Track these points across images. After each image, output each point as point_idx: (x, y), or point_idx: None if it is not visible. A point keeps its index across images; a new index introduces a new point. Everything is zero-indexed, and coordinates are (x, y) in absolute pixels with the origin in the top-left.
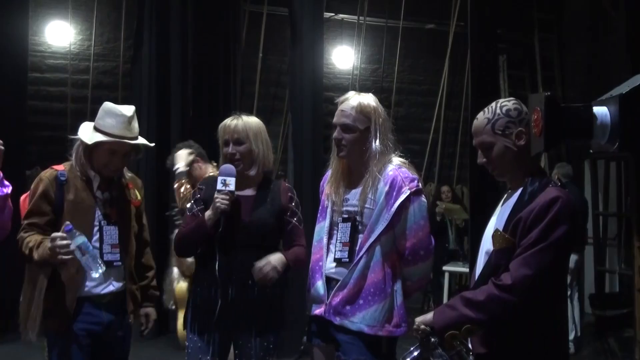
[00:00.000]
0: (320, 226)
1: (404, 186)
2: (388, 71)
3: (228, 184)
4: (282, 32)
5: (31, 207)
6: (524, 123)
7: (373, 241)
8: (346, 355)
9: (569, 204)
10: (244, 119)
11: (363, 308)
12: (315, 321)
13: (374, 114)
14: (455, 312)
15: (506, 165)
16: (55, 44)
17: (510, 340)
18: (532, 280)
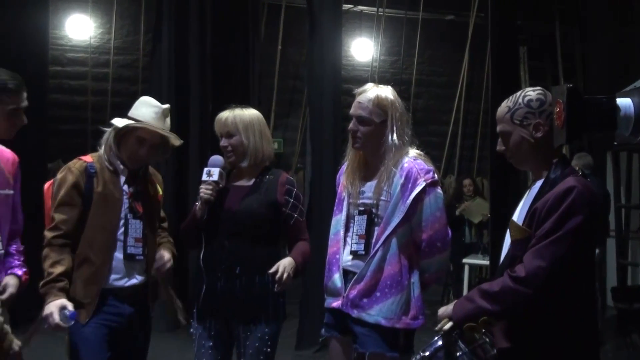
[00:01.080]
0: (336, 219)
1: (419, 178)
2: (407, 63)
3: (212, 174)
4: (300, 24)
5: (62, 198)
6: (545, 115)
7: (389, 234)
8: (363, 348)
9: (586, 193)
10: (236, 112)
11: (380, 300)
12: (332, 313)
13: (391, 107)
14: (473, 304)
15: (523, 155)
16: (75, 37)
17: (534, 334)
18: (546, 272)
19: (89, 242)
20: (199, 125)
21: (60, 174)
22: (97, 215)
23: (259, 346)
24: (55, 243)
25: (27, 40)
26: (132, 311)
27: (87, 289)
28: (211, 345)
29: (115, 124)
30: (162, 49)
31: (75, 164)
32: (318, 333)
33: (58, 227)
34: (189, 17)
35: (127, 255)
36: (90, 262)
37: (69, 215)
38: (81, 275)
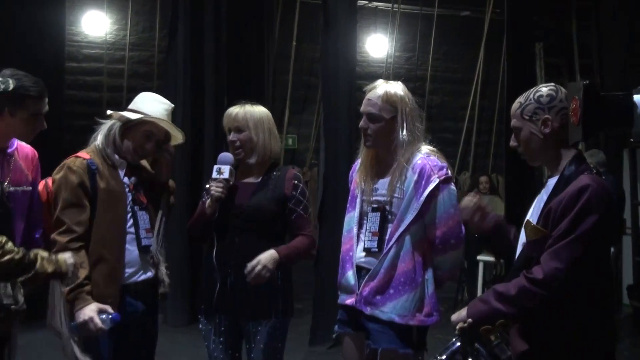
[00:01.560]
0: (349, 216)
1: (432, 175)
2: (422, 59)
3: (222, 172)
4: (315, 20)
5: (69, 199)
6: (554, 111)
7: (403, 231)
8: (376, 344)
9: (601, 192)
10: (246, 108)
11: (394, 298)
12: (346, 310)
13: (400, 103)
14: (488, 306)
15: (533, 151)
16: (91, 33)
17: (551, 335)
18: (564, 274)
19: (100, 240)
20: (213, 121)
21: (59, 173)
22: (104, 211)
23: (269, 341)
24: (72, 247)
25: (43, 36)
26: (144, 307)
27: (108, 288)
28: (222, 341)
29: (127, 116)
30: (177, 45)
31: (74, 162)
32: (331, 329)
33: (71, 230)
34: (204, 14)
35: (142, 247)
36: (105, 260)
37: (80, 216)
38: (99, 275)
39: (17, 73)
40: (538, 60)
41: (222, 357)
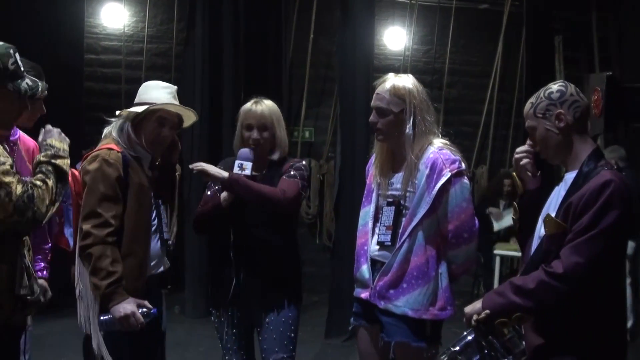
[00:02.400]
0: (365, 210)
1: (444, 168)
2: (440, 52)
3: (245, 167)
4: (333, 13)
5: (107, 192)
6: (567, 104)
7: (415, 225)
8: (390, 337)
9: (623, 187)
10: (266, 104)
11: (407, 292)
12: (361, 303)
13: (408, 95)
14: (505, 299)
15: (551, 148)
16: (110, 26)
17: (566, 330)
18: (584, 269)
19: (132, 234)
20: (231, 113)
21: (93, 165)
22: (136, 205)
23: (283, 330)
24: (108, 241)
25: (63, 28)
26: (159, 299)
27: (137, 281)
28: (234, 332)
29: (133, 110)
30: (195, 37)
31: (110, 155)
32: (347, 322)
33: (109, 224)
34: (222, 6)
35: (163, 241)
36: (135, 254)
37: (116, 210)
38: (128, 268)
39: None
40: (557, 53)
41: (235, 348)
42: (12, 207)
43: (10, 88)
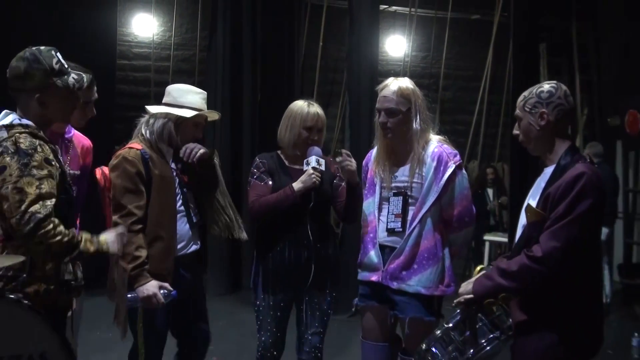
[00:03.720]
0: (368, 201)
1: (449, 161)
2: (436, 58)
3: (321, 164)
4: (340, 23)
5: (128, 186)
6: (552, 106)
7: (425, 212)
8: (403, 314)
9: (595, 179)
10: (319, 108)
11: (418, 272)
12: (369, 286)
13: (413, 95)
14: (492, 282)
15: (531, 140)
16: (140, 34)
17: (547, 306)
18: (561, 252)
19: (156, 221)
20: (250, 113)
21: (116, 163)
22: (158, 195)
23: (326, 308)
24: (133, 229)
25: (98, 36)
26: (191, 276)
27: (164, 262)
28: (278, 315)
29: (180, 114)
30: (217, 45)
31: (129, 153)
32: (351, 301)
33: (132, 213)
34: (242, 17)
35: (192, 223)
36: (161, 238)
37: (139, 201)
38: (156, 251)
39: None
40: (542, 59)
41: (275, 330)
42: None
43: (59, 84)
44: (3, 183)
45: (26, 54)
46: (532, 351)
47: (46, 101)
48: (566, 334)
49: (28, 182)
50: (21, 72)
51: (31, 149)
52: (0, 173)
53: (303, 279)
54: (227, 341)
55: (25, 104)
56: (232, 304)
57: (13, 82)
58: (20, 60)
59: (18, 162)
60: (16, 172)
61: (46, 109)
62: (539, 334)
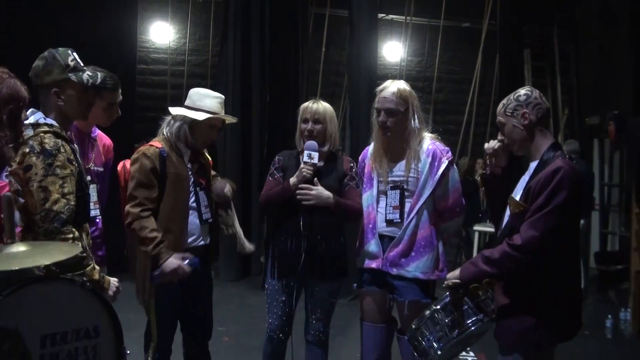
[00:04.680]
0: (367, 194)
1: (443, 157)
2: (430, 63)
3: (313, 157)
4: (341, 30)
5: (142, 180)
6: (531, 106)
7: (422, 204)
8: (403, 297)
9: (571, 173)
10: (323, 103)
11: (416, 259)
12: (370, 272)
13: (410, 97)
14: (477, 268)
15: (517, 141)
16: (157, 41)
17: (528, 291)
18: (539, 240)
19: (168, 215)
20: (259, 114)
21: (135, 157)
22: (172, 191)
23: (328, 297)
24: (144, 215)
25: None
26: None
27: None
28: (283, 300)
29: (195, 117)
30: (228, 50)
31: (148, 150)
32: (351, 286)
33: (142, 204)
34: (250, 24)
35: (203, 220)
36: (172, 231)
37: (150, 194)
38: (168, 243)
39: (96, 69)
40: (526, 63)
41: (281, 313)
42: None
43: (74, 79)
44: (29, 181)
45: (45, 54)
46: (514, 333)
47: (62, 95)
48: (545, 317)
49: (52, 181)
50: (40, 69)
51: (55, 149)
52: (27, 171)
53: (301, 267)
54: (238, 323)
55: (45, 99)
56: (242, 288)
57: (34, 79)
58: (40, 59)
59: (43, 162)
60: (41, 171)
61: (63, 104)
62: (519, 317)
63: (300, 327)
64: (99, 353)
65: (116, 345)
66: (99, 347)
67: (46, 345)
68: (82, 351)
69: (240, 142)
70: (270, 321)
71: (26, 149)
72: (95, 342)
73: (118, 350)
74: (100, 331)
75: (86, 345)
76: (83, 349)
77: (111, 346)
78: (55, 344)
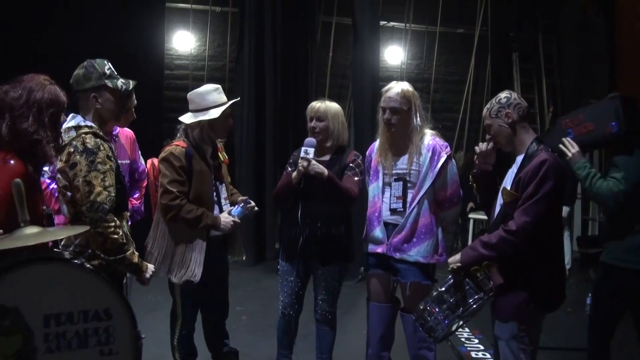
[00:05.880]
0: (373, 186)
1: (442, 152)
2: (428, 65)
3: (308, 152)
4: (347, 36)
5: (175, 176)
6: (512, 106)
7: (422, 195)
8: (405, 279)
9: (555, 164)
10: (326, 103)
11: (417, 244)
12: (375, 257)
13: (413, 97)
14: (477, 252)
15: (503, 139)
16: (180, 48)
17: (520, 271)
18: (531, 225)
19: None
20: (272, 114)
21: (164, 156)
22: (198, 187)
23: (330, 280)
24: (184, 203)
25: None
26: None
27: None
28: (292, 280)
29: (213, 116)
30: (244, 56)
31: (176, 150)
32: (358, 269)
33: (178, 197)
34: (264, 32)
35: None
36: None
37: (182, 188)
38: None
39: None
40: (515, 65)
41: (290, 292)
42: (89, 202)
43: (110, 85)
44: (75, 177)
45: (84, 64)
46: (510, 306)
47: (100, 99)
48: (535, 292)
49: (95, 175)
50: (80, 76)
51: (96, 148)
52: (73, 168)
53: (300, 251)
54: (254, 303)
55: (84, 104)
56: (258, 272)
57: (75, 85)
58: (80, 68)
59: (86, 159)
60: (85, 167)
61: (101, 107)
62: (514, 293)
63: (312, 307)
64: (112, 335)
65: (130, 329)
66: (111, 329)
67: (50, 325)
68: (92, 332)
69: (254, 139)
70: (281, 299)
71: (71, 149)
72: (107, 324)
73: (132, 333)
74: (112, 314)
75: (97, 327)
76: (94, 331)
77: (125, 329)
78: (60, 324)
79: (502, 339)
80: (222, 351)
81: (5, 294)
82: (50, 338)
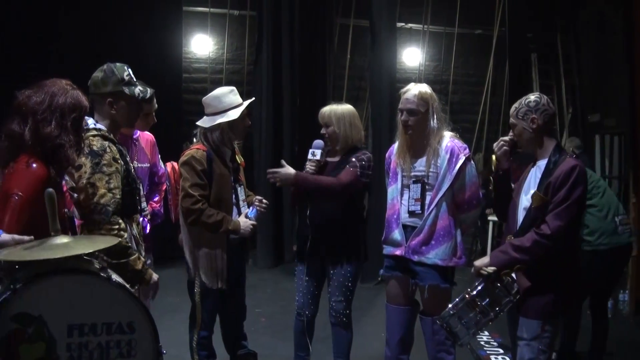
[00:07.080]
0: (392, 188)
1: (460, 154)
2: (446, 67)
3: (315, 154)
4: (364, 38)
5: (196, 180)
6: (539, 112)
7: (441, 197)
8: (423, 282)
9: (583, 170)
10: (332, 107)
11: (435, 247)
12: (394, 259)
13: (430, 99)
14: (509, 256)
15: (525, 141)
16: (198, 52)
17: (546, 274)
18: (564, 229)
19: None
20: (290, 116)
21: (186, 160)
22: (218, 189)
23: (343, 280)
24: (203, 208)
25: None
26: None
27: None
28: (307, 280)
29: (231, 118)
30: (262, 59)
31: (197, 153)
32: (376, 271)
33: (199, 200)
34: (282, 35)
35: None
36: None
37: (203, 191)
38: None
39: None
40: (533, 67)
41: (305, 292)
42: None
43: (127, 92)
44: (79, 178)
45: (104, 67)
46: (537, 305)
47: (115, 105)
48: (561, 292)
49: (99, 177)
50: (98, 80)
51: (101, 150)
52: (78, 170)
53: (307, 252)
54: (273, 305)
55: (100, 107)
56: (277, 275)
57: (92, 88)
58: (99, 71)
59: (91, 161)
60: (89, 169)
61: (115, 112)
62: (541, 295)
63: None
64: (134, 349)
65: (152, 343)
66: (134, 342)
67: (73, 335)
68: (114, 345)
69: (272, 142)
70: (297, 299)
71: None
72: (129, 338)
73: (154, 348)
74: (136, 328)
75: (119, 339)
76: (116, 343)
77: (148, 344)
78: (83, 335)
79: (525, 339)
80: (241, 353)
81: (30, 302)
82: (72, 347)
